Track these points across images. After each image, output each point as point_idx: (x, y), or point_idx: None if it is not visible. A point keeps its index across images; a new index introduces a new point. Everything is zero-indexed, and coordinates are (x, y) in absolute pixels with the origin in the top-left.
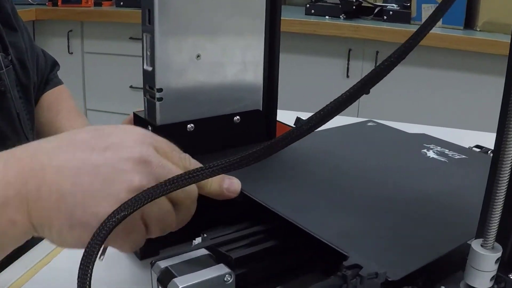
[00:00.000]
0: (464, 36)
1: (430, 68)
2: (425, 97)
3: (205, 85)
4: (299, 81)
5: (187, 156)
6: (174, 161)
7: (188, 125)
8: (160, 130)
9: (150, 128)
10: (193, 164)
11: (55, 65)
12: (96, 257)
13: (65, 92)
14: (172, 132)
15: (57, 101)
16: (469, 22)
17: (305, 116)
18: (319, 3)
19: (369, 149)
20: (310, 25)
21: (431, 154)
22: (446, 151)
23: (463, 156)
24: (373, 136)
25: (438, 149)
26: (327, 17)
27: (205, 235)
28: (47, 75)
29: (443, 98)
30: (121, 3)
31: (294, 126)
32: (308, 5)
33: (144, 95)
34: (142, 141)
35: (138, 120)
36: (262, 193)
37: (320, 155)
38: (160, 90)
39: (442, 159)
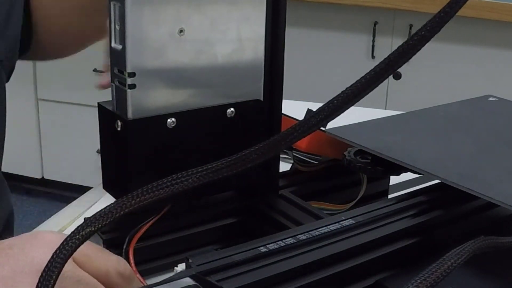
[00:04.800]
0: None
1: (478, 45)
2: (475, 83)
3: (190, 68)
4: (311, 63)
5: (119, 258)
6: (100, 266)
7: (169, 120)
8: (132, 126)
9: (119, 123)
10: (128, 269)
11: None
12: (55, 282)
13: None
14: (148, 128)
15: None
16: None
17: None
18: None
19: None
20: None
21: None
22: None
23: None
24: (501, 111)
25: None
26: None
27: (189, 260)
28: None
29: (496, 84)
30: None
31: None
32: None
33: (112, 81)
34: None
35: (104, 114)
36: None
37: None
38: (132, 74)
39: None
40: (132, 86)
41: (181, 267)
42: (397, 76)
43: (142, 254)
